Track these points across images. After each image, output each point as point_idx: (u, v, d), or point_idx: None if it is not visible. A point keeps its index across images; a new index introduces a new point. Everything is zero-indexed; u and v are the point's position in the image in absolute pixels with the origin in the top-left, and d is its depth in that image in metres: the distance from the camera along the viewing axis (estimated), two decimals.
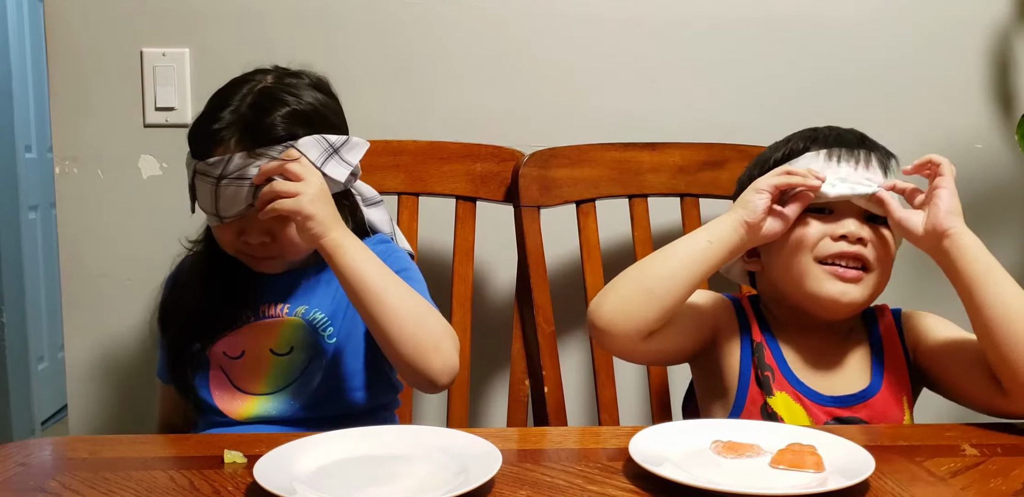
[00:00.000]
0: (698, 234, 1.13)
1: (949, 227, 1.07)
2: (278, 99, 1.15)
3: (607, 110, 1.65)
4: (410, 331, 1.09)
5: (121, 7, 1.59)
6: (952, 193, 1.08)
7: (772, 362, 1.16)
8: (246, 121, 1.13)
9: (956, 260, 1.07)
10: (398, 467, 0.90)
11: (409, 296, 1.12)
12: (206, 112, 1.17)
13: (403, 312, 1.09)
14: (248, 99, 1.15)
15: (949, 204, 1.08)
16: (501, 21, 1.63)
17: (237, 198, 1.13)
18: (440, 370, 1.09)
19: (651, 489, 0.85)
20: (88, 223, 1.62)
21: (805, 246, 1.14)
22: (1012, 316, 1.03)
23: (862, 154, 1.15)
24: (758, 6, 1.65)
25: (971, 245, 1.07)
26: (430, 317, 1.12)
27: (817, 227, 1.14)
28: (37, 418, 3.29)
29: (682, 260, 1.11)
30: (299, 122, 1.15)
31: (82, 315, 1.64)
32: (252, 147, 1.12)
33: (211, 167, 1.13)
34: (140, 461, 0.94)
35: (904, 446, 0.99)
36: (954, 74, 1.68)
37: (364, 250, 1.12)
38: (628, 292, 1.10)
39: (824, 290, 1.13)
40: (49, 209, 3.37)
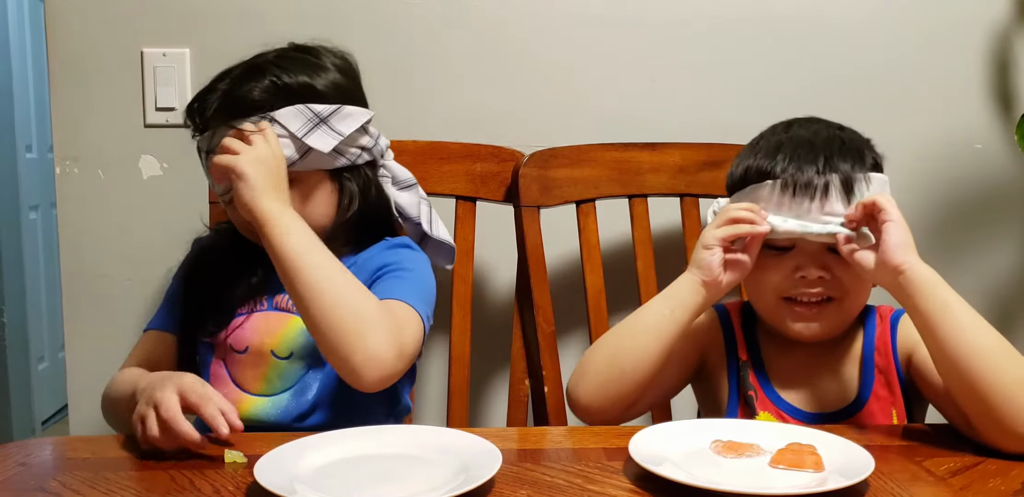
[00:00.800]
0: (659, 303, 1.11)
1: (901, 262, 1.01)
2: (262, 72, 1.15)
3: (607, 110, 1.65)
4: (328, 312, 1.03)
5: (121, 7, 1.59)
6: (900, 225, 1.02)
7: (755, 381, 1.16)
8: (226, 94, 1.15)
9: (911, 296, 1.01)
10: (398, 467, 0.90)
11: (341, 279, 1.06)
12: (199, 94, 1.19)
13: (326, 292, 1.04)
14: (235, 72, 1.17)
15: (898, 237, 1.01)
16: (501, 21, 1.63)
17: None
18: (362, 363, 1.02)
19: (651, 489, 0.85)
20: (88, 223, 1.62)
21: (767, 286, 1.13)
22: (970, 353, 0.96)
23: (820, 186, 1.07)
24: (758, 6, 1.65)
25: (925, 281, 1.00)
26: (362, 303, 1.05)
27: (777, 267, 1.11)
28: (37, 418, 3.29)
29: (649, 334, 1.09)
30: (280, 94, 1.14)
31: (82, 315, 1.64)
32: (228, 119, 1.13)
33: (202, 142, 1.15)
34: (140, 461, 0.94)
35: (904, 446, 0.99)
36: (954, 74, 1.68)
37: (301, 229, 1.08)
38: (602, 374, 1.10)
39: (787, 327, 1.13)
40: (49, 209, 3.37)
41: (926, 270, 1.01)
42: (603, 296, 1.47)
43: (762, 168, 1.12)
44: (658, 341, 1.09)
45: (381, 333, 1.03)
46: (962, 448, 0.98)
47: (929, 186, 1.70)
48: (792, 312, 1.12)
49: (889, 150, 1.19)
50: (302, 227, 1.08)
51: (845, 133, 1.16)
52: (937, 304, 0.99)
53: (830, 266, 1.10)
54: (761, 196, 1.11)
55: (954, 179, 1.69)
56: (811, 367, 1.16)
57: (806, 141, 1.13)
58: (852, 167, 1.09)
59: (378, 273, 1.19)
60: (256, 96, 1.14)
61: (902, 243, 1.02)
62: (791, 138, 1.14)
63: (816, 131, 1.15)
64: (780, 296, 1.12)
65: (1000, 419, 0.94)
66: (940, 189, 1.70)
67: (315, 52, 1.22)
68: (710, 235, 1.09)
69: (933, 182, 1.70)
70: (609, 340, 1.13)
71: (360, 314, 1.04)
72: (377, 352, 1.02)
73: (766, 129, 1.21)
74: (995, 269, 1.73)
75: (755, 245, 1.10)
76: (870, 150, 1.14)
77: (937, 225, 1.71)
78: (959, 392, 0.98)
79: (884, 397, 1.13)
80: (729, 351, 1.19)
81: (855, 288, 1.11)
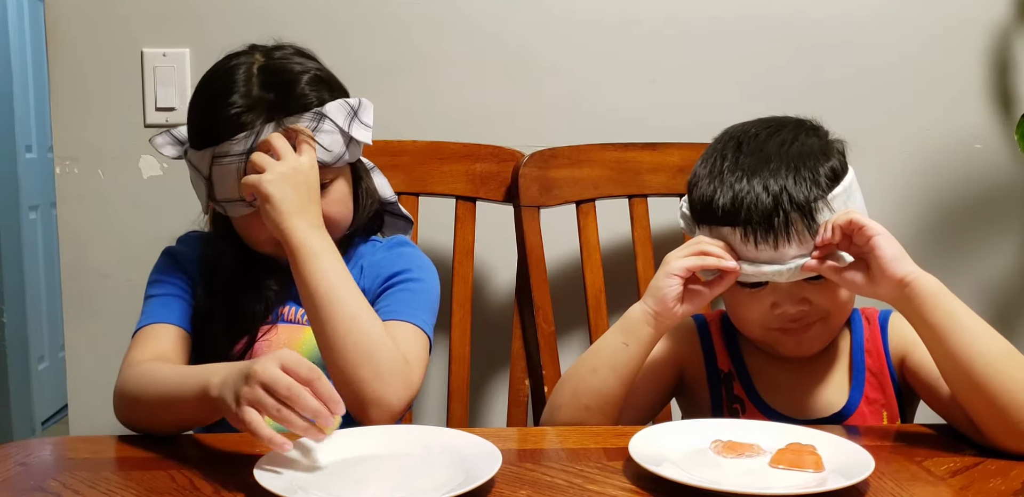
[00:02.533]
0: (613, 336, 1.10)
1: (904, 275, 0.98)
2: (291, 69, 1.12)
3: (607, 110, 1.65)
4: (347, 352, 1.03)
5: (121, 7, 1.59)
6: (887, 237, 0.99)
7: (741, 392, 1.16)
8: (268, 98, 1.09)
9: (918, 308, 0.98)
10: (398, 467, 0.90)
11: (364, 317, 1.05)
12: (208, 100, 1.11)
13: (349, 333, 1.03)
14: (256, 80, 1.10)
15: (892, 250, 0.98)
16: (501, 21, 1.63)
17: None
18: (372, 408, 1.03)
19: (651, 489, 0.85)
20: (88, 223, 1.62)
21: (749, 322, 1.12)
22: (981, 362, 0.95)
23: (781, 231, 1.02)
24: (758, 6, 1.65)
25: (931, 291, 0.98)
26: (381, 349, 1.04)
27: (754, 304, 1.09)
28: (37, 418, 3.29)
29: (607, 369, 1.09)
30: (324, 86, 1.12)
31: (82, 315, 1.64)
32: (282, 117, 1.08)
33: (235, 144, 1.07)
34: (140, 461, 0.94)
35: (904, 446, 0.99)
36: (954, 74, 1.68)
37: (330, 255, 1.06)
38: (568, 412, 1.10)
39: (778, 348, 1.13)
40: (49, 209, 3.37)
41: (930, 280, 0.99)
42: (603, 296, 1.47)
43: (719, 210, 1.06)
44: (617, 376, 1.08)
45: (395, 382, 1.03)
46: (962, 448, 0.98)
47: (929, 186, 1.70)
48: (780, 338, 1.12)
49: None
50: (331, 252, 1.06)
51: (795, 147, 1.08)
52: (944, 314, 0.97)
53: (807, 296, 1.08)
54: (725, 238, 1.06)
55: (954, 179, 1.69)
56: (798, 375, 1.15)
57: (756, 174, 1.05)
58: (810, 197, 1.03)
59: (388, 283, 1.17)
60: (307, 91, 1.10)
61: (898, 255, 0.99)
62: (741, 169, 1.07)
63: (765, 156, 1.07)
64: (764, 328, 1.12)
65: (1012, 423, 0.94)
66: (940, 189, 1.70)
67: (287, 48, 1.18)
68: (675, 265, 1.05)
69: (933, 182, 1.69)
70: (571, 376, 1.12)
71: (376, 360, 1.03)
72: (389, 402, 1.03)
73: (716, 141, 1.17)
74: (995, 269, 1.73)
75: (726, 283, 1.06)
76: (822, 160, 1.07)
77: (937, 225, 1.71)
78: (968, 399, 0.97)
79: (876, 400, 1.13)
80: (709, 363, 1.18)
81: (837, 306, 1.10)
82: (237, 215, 1.13)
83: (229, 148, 1.08)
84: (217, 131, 1.09)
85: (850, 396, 1.13)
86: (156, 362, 1.08)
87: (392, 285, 1.17)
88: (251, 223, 1.12)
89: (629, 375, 1.09)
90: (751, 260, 1.04)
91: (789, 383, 1.15)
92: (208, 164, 1.10)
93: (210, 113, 1.10)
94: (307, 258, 1.05)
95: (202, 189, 1.13)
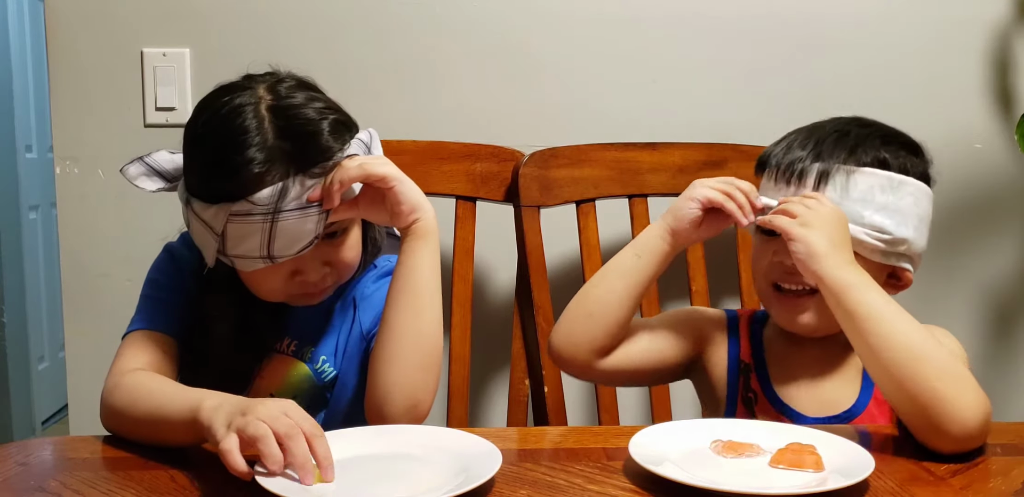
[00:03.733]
0: (628, 249, 1.14)
1: (814, 272, 1.01)
2: (308, 117, 1.03)
3: (607, 110, 1.65)
4: (401, 380, 1.03)
5: (121, 7, 1.59)
6: (798, 240, 1.02)
7: (757, 386, 1.16)
8: (288, 148, 1.00)
9: (831, 306, 1.02)
10: (398, 467, 0.90)
11: (431, 344, 1.05)
12: (217, 150, 1.02)
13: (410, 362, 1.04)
14: (270, 126, 1.01)
15: (802, 251, 1.02)
16: (501, 21, 1.63)
17: (302, 231, 1.01)
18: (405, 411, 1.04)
19: (651, 489, 0.85)
20: (88, 223, 1.62)
21: (759, 271, 1.15)
22: (889, 358, 0.97)
23: (797, 172, 1.10)
24: (758, 6, 1.65)
25: (835, 289, 1.00)
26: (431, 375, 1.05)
27: (763, 251, 1.13)
28: (37, 418, 3.29)
29: (615, 276, 1.12)
30: (343, 130, 1.05)
31: (82, 315, 1.64)
32: (307, 169, 1.00)
33: (259, 203, 0.98)
34: (140, 461, 0.94)
35: (904, 446, 0.99)
36: (954, 74, 1.68)
37: (435, 265, 1.06)
38: (571, 318, 1.14)
39: (778, 317, 1.15)
40: (49, 209, 3.37)
41: (843, 276, 1.00)
42: None
43: (763, 155, 1.17)
44: (624, 283, 1.11)
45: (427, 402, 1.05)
46: None
47: None
48: (779, 302, 1.13)
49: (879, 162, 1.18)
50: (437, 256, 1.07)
51: (864, 129, 1.15)
52: (843, 312, 1.00)
53: None
54: (763, 185, 1.15)
55: (954, 179, 1.69)
56: (814, 371, 1.16)
57: (810, 130, 1.16)
58: (839, 158, 1.10)
59: None
60: (331, 143, 1.02)
61: (807, 254, 1.02)
62: (803, 129, 1.17)
63: (832, 124, 1.16)
64: (770, 283, 1.14)
65: (920, 420, 0.94)
66: (940, 189, 1.69)
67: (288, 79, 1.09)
68: (700, 191, 1.10)
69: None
70: (584, 287, 1.16)
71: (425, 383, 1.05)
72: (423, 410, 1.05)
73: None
74: (995, 269, 1.73)
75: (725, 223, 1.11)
76: (880, 149, 1.12)
77: (937, 225, 1.68)
78: (890, 398, 0.99)
79: (884, 401, 1.13)
80: (732, 352, 1.19)
81: None
82: (249, 269, 1.06)
83: (251, 207, 0.99)
84: (235, 188, 0.99)
85: (860, 395, 1.14)
86: (147, 373, 1.04)
87: None
88: (264, 275, 1.07)
89: (636, 286, 1.12)
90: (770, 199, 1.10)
91: (804, 378, 1.16)
92: (223, 221, 1.01)
93: (223, 167, 1.00)
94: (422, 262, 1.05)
95: (211, 244, 1.04)
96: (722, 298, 1.66)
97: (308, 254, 1.05)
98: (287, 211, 1.00)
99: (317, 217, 1.02)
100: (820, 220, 1.04)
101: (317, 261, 1.07)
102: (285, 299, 1.11)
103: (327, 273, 1.09)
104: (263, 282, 1.08)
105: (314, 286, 1.09)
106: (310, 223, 1.01)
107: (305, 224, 1.01)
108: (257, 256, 1.03)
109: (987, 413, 0.94)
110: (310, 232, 1.02)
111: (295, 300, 1.12)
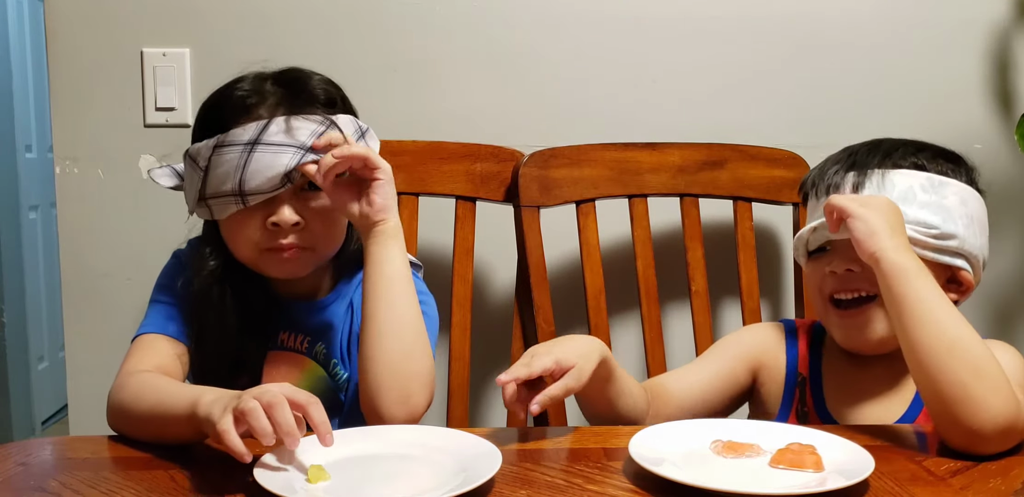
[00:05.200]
0: None
1: (872, 252, 1.01)
2: (301, 71, 1.13)
3: (607, 110, 1.65)
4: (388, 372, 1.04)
5: (121, 7, 1.59)
6: (861, 218, 1.01)
7: (810, 400, 1.17)
8: (280, 91, 1.09)
9: (882, 286, 1.01)
10: (398, 467, 0.90)
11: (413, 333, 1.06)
12: (216, 93, 1.12)
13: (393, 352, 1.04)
14: (269, 78, 1.11)
15: (861, 230, 1.01)
16: (501, 21, 1.63)
17: (272, 167, 1.04)
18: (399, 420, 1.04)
19: (651, 489, 0.85)
20: (88, 223, 1.62)
21: (814, 292, 1.16)
22: (919, 351, 0.97)
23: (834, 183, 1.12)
24: (758, 6, 1.65)
25: (892, 272, 0.99)
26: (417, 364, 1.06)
27: (816, 269, 1.15)
28: (37, 418, 3.29)
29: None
30: (334, 90, 1.12)
31: (82, 315, 1.64)
32: (293, 111, 1.07)
33: (241, 133, 1.04)
34: (140, 461, 0.94)
35: (904, 446, 0.99)
36: (954, 74, 1.68)
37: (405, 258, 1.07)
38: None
39: (836, 334, 1.15)
40: (49, 209, 3.37)
41: (900, 259, 1.00)
42: (603, 296, 1.47)
43: (803, 183, 1.20)
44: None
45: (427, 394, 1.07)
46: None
47: None
48: (840, 317, 1.13)
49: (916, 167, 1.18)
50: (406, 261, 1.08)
51: (897, 141, 1.16)
52: (897, 295, 0.99)
53: (860, 261, 1.08)
54: (810, 210, 1.17)
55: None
56: (871, 389, 1.16)
57: (847, 149, 1.18)
58: (872, 164, 1.11)
59: None
60: (317, 90, 1.10)
61: (867, 232, 1.01)
62: (844, 149, 1.19)
63: (872, 142, 1.17)
64: (826, 298, 1.14)
65: (947, 415, 0.95)
66: None
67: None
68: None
69: None
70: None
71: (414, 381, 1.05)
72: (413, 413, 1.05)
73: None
74: (995, 269, 1.73)
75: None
76: (915, 155, 1.13)
77: None
78: (920, 388, 0.99)
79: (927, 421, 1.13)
80: (789, 365, 1.20)
81: None
82: (224, 215, 1.09)
83: (234, 137, 1.05)
84: (224, 115, 1.08)
85: (906, 412, 1.13)
86: (152, 373, 1.06)
87: None
88: (238, 223, 1.09)
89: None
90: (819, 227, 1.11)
91: (856, 396, 1.16)
92: (208, 154, 1.07)
93: (219, 100, 1.10)
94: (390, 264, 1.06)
95: (195, 185, 1.09)
96: (722, 298, 1.66)
97: (282, 198, 1.07)
98: (265, 144, 1.04)
99: (292, 154, 1.04)
100: (878, 203, 1.04)
101: (290, 208, 1.08)
102: (261, 262, 1.10)
103: (300, 229, 1.08)
104: (239, 231, 1.09)
105: (281, 241, 1.08)
106: (284, 158, 1.04)
107: (279, 159, 1.04)
108: (229, 193, 1.05)
109: (1013, 420, 0.93)
110: (281, 166, 1.04)
111: (270, 266, 1.11)
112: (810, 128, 1.66)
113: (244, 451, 0.82)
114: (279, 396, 0.84)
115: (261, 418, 0.83)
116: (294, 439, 0.83)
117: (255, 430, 0.83)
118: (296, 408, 0.85)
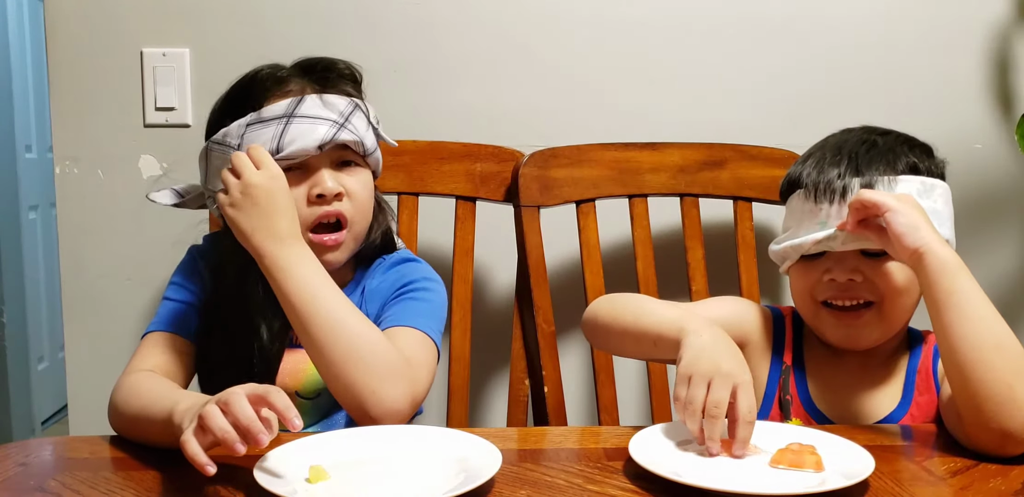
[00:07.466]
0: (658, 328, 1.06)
1: (917, 247, 0.99)
2: (326, 57, 1.16)
3: (607, 110, 1.65)
4: (341, 367, 1.00)
5: (121, 7, 1.59)
6: (900, 211, 1.00)
7: (794, 389, 1.16)
8: (308, 73, 1.13)
9: (923, 281, 1.00)
10: (398, 467, 0.90)
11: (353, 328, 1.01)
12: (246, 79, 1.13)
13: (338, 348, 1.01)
14: (291, 65, 1.15)
15: (902, 224, 0.99)
16: (501, 21, 1.63)
17: (310, 136, 1.07)
18: (378, 416, 1.00)
19: (651, 489, 0.85)
20: (88, 223, 1.62)
21: (804, 291, 1.14)
22: (966, 346, 0.95)
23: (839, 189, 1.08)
24: (758, 6, 1.65)
25: (935, 267, 0.98)
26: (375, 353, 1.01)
27: (810, 273, 1.13)
28: (37, 418, 3.29)
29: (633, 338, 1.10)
30: (358, 74, 1.17)
31: (82, 315, 1.64)
32: (324, 88, 1.12)
33: (276, 109, 1.07)
34: (140, 461, 0.94)
35: (904, 446, 0.99)
36: (954, 74, 1.68)
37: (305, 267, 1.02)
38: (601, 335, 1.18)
39: (828, 334, 1.14)
40: (49, 209, 3.37)
41: (939, 256, 0.98)
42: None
43: (792, 177, 1.16)
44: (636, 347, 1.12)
45: (394, 381, 1.01)
46: (962, 448, 0.98)
47: None
48: (831, 318, 1.12)
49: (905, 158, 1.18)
50: (307, 262, 1.03)
51: (886, 137, 1.14)
52: (942, 291, 0.98)
53: (861, 269, 1.09)
54: (794, 207, 1.14)
55: (954, 179, 1.68)
56: (852, 380, 1.16)
57: (835, 146, 1.14)
58: (878, 169, 1.09)
59: (395, 295, 1.16)
60: (344, 71, 1.15)
61: (910, 226, 0.99)
62: (824, 144, 1.16)
63: (852, 137, 1.15)
64: (817, 301, 1.13)
65: (986, 417, 0.93)
66: None
67: None
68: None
69: None
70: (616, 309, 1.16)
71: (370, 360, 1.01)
72: (392, 401, 1.01)
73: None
74: (995, 269, 1.73)
75: None
76: (908, 154, 1.12)
77: None
78: (954, 385, 0.98)
79: (917, 417, 1.13)
80: (775, 353, 1.19)
81: (891, 291, 1.09)
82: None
83: (269, 112, 1.07)
84: (255, 93, 1.10)
85: (895, 410, 1.13)
86: (148, 374, 1.06)
87: (398, 296, 1.16)
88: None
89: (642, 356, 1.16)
90: (809, 224, 1.10)
91: (841, 386, 1.15)
92: (241, 132, 1.07)
93: (247, 82, 1.12)
94: (280, 272, 1.02)
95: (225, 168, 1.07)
96: None
97: (323, 168, 1.10)
98: (300, 117, 1.07)
99: (328, 126, 1.08)
100: (907, 198, 1.03)
101: (332, 178, 1.10)
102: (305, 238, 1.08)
103: (343, 199, 1.11)
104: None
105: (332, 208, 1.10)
106: (320, 130, 1.08)
107: (316, 130, 1.08)
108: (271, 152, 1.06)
109: None
110: (319, 135, 1.07)
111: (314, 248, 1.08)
112: (810, 128, 1.66)
113: (204, 461, 0.81)
114: (236, 393, 0.84)
115: (217, 417, 0.82)
116: (256, 431, 0.81)
117: (213, 431, 0.82)
118: (258, 401, 0.84)
